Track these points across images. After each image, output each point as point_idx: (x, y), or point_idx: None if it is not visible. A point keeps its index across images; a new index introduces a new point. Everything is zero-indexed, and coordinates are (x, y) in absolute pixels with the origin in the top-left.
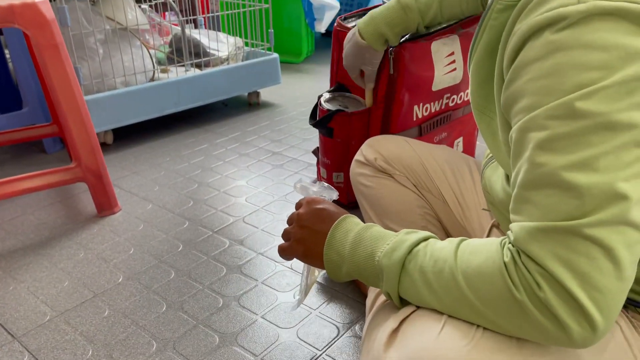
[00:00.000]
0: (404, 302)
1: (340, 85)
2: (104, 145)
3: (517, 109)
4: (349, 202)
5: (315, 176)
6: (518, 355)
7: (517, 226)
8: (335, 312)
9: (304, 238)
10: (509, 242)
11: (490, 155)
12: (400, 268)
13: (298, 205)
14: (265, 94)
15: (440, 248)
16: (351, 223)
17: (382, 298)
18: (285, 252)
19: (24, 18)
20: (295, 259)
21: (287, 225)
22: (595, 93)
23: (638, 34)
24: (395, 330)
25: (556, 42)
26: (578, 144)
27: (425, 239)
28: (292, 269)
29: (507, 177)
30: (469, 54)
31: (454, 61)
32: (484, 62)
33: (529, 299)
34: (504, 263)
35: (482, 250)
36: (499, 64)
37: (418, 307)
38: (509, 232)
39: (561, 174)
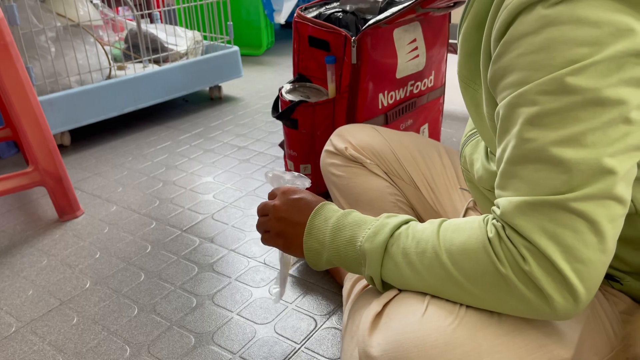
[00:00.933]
0: (386, 287)
1: (301, 75)
2: (61, 147)
3: (505, 84)
4: (318, 194)
5: (283, 168)
6: (500, 330)
7: (505, 200)
8: (311, 305)
9: (283, 230)
10: (493, 218)
11: (470, 133)
12: (382, 251)
13: (272, 196)
14: (227, 88)
15: (422, 229)
16: (330, 210)
17: (359, 287)
18: (268, 244)
19: None
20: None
21: (258, 217)
22: (585, 68)
23: (627, 12)
24: (379, 314)
25: (548, 17)
26: (567, 119)
27: (406, 221)
28: (265, 263)
29: (487, 154)
30: (459, 24)
31: (416, 48)
32: (472, 33)
33: (514, 273)
34: (488, 239)
35: (464, 228)
36: (486, 37)
37: (401, 291)
38: (493, 208)
39: (550, 149)
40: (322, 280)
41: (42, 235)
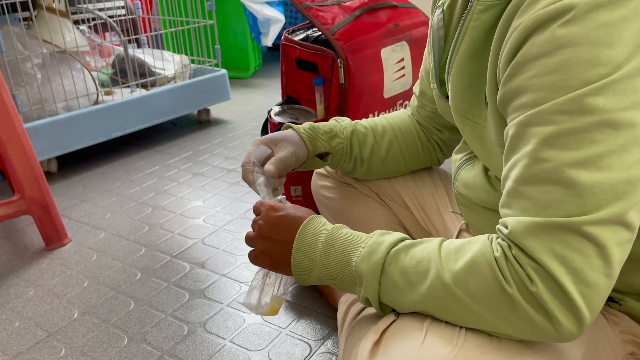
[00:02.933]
0: (383, 307)
1: (289, 98)
2: (48, 174)
3: (518, 105)
4: None
5: None
6: (500, 357)
7: (513, 220)
8: (305, 329)
9: (269, 250)
10: (499, 237)
11: (465, 158)
12: (380, 272)
13: (256, 210)
14: (216, 111)
15: (422, 248)
16: (320, 224)
17: (355, 310)
18: (254, 262)
19: None
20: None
21: (251, 231)
22: (604, 88)
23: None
24: (377, 343)
25: (562, 39)
26: (583, 141)
27: (402, 239)
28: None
29: (488, 176)
30: (445, 61)
31: (403, 67)
32: (466, 65)
33: (520, 293)
34: (495, 258)
35: (468, 248)
36: (491, 61)
37: (398, 316)
38: (499, 227)
39: (565, 170)
40: (316, 304)
41: (28, 265)
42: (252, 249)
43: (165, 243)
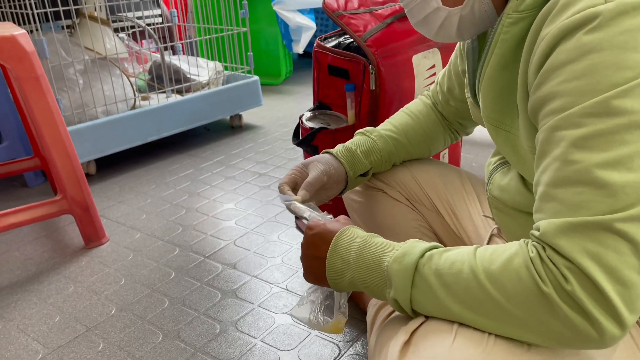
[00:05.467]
0: (414, 307)
1: (321, 103)
2: (87, 175)
3: (547, 111)
4: None
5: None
6: None
7: (545, 222)
8: None
9: (310, 267)
10: (533, 240)
11: (499, 162)
12: (413, 272)
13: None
14: (247, 117)
15: (456, 252)
16: (356, 232)
17: (385, 313)
18: (307, 280)
19: (2, 51)
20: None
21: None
22: (631, 90)
23: None
24: (407, 343)
25: (589, 45)
26: (612, 142)
27: (436, 247)
28: (287, 289)
29: (523, 179)
30: (475, 75)
31: (434, 74)
32: (497, 76)
33: (557, 293)
34: (530, 258)
35: (503, 250)
36: (522, 71)
37: (427, 318)
38: (532, 231)
39: (595, 171)
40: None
41: (68, 263)
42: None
43: (199, 244)
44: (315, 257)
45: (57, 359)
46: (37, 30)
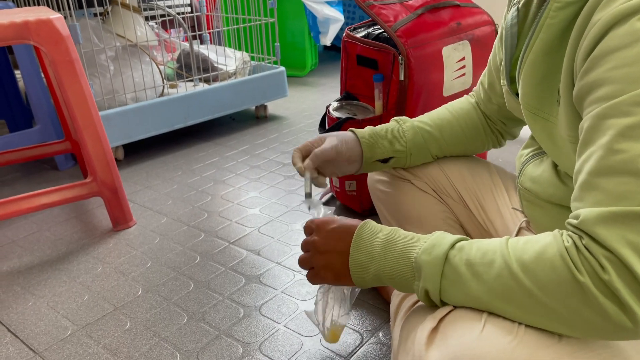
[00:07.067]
0: (443, 298)
1: (348, 94)
2: (115, 160)
3: (594, 98)
4: (362, 211)
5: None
6: (562, 350)
7: (585, 210)
8: (357, 320)
9: (330, 263)
10: (569, 229)
11: (532, 153)
12: (443, 263)
13: (308, 230)
14: (273, 107)
15: (487, 243)
16: (377, 225)
17: (408, 303)
18: (315, 281)
19: (39, 35)
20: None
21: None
22: None
23: None
24: (435, 329)
25: None
26: None
27: (465, 239)
28: None
29: (557, 171)
30: (517, 59)
31: (464, 66)
32: (539, 62)
33: (592, 282)
34: (565, 247)
35: (537, 240)
36: (568, 58)
37: (455, 307)
38: (569, 220)
39: None
40: (369, 296)
41: (97, 244)
42: (310, 269)
43: (224, 230)
44: (337, 251)
45: (86, 336)
46: (70, 16)
